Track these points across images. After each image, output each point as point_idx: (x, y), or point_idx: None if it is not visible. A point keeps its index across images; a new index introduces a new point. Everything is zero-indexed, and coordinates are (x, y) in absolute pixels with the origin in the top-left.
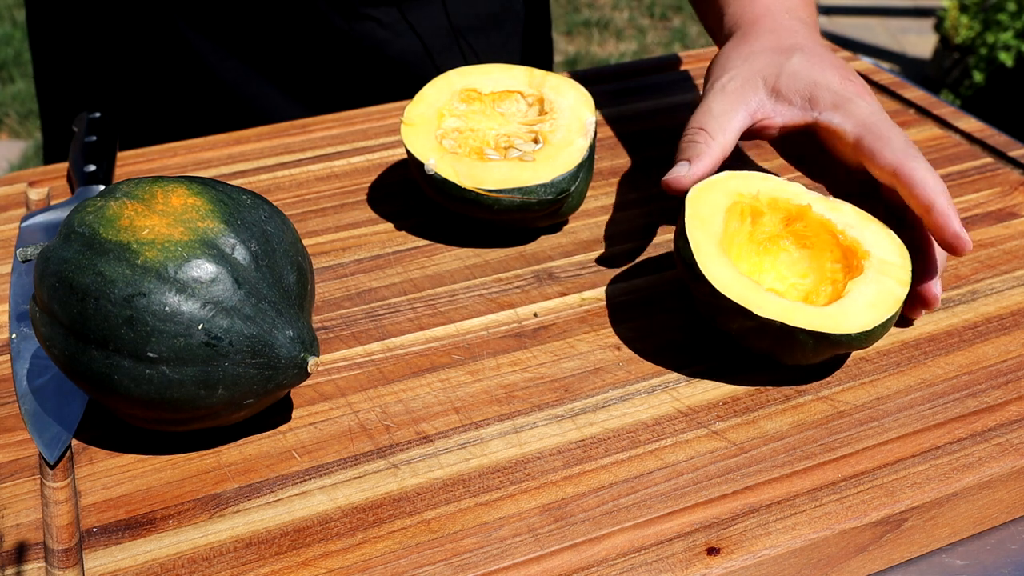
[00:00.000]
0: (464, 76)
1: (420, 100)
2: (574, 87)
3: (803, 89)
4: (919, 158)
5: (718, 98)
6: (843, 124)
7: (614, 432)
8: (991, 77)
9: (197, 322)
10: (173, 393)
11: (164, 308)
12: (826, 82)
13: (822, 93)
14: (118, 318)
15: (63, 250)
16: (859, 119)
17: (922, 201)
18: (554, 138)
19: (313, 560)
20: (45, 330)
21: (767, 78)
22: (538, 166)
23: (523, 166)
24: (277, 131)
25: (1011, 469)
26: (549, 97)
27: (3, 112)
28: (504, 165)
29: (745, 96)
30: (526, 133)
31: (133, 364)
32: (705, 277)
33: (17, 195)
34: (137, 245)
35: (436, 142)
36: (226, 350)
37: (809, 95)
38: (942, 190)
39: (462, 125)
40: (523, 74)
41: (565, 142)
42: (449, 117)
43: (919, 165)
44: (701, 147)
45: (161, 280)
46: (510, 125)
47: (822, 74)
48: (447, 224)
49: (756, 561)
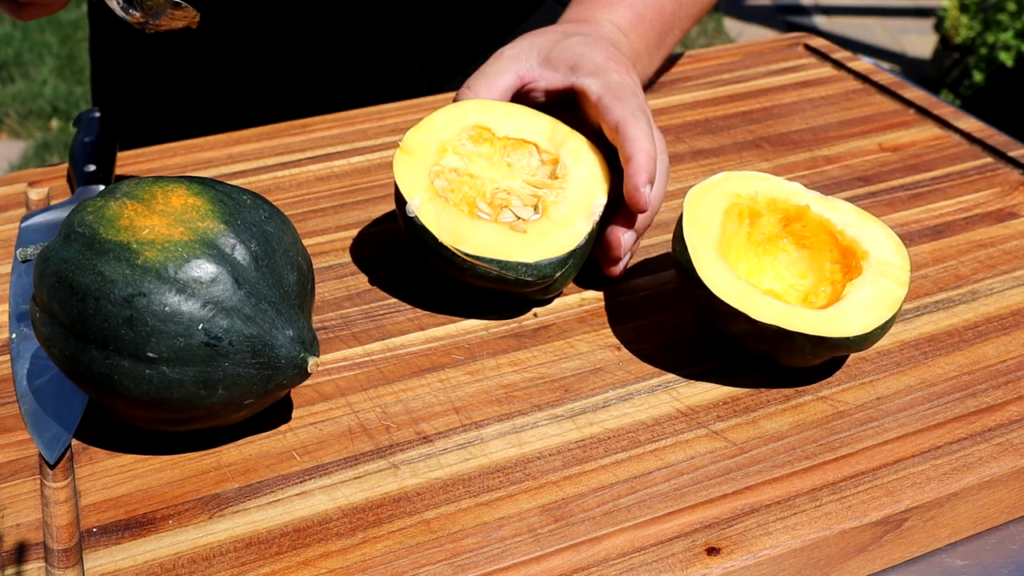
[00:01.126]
0: (482, 110)
1: (426, 127)
2: (595, 157)
3: (570, 59)
4: (642, 120)
5: (493, 62)
6: (592, 85)
7: (614, 432)
8: (991, 77)
9: (197, 322)
10: (173, 393)
11: (164, 308)
12: (595, 57)
13: (584, 63)
14: (118, 318)
15: (63, 250)
16: (606, 83)
17: (625, 152)
18: (555, 211)
19: (313, 560)
20: (45, 330)
21: (542, 50)
22: (527, 240)
23: (511, 236)
24: (277, 131)
25: (1011, 469)
26: (565, 161)
27: (3, 112)
28: (491, 229)
29: (517, 61)
30: (528, 195)
31: (133, 364)
32: (703, 282)
33: (17, 195)
34: (137, 245)
35: (428, 180)
36: (226, 350)
37: (573, 64)
38: (646, 148)
39: (462, 167)
40: (546, 125)
41: (565, 220)
42: (452, 154)
43: (638, 125)
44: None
45: (161, 280)
46: (514, 180)
47: (591, 51)
48: None
49: (756, 561)
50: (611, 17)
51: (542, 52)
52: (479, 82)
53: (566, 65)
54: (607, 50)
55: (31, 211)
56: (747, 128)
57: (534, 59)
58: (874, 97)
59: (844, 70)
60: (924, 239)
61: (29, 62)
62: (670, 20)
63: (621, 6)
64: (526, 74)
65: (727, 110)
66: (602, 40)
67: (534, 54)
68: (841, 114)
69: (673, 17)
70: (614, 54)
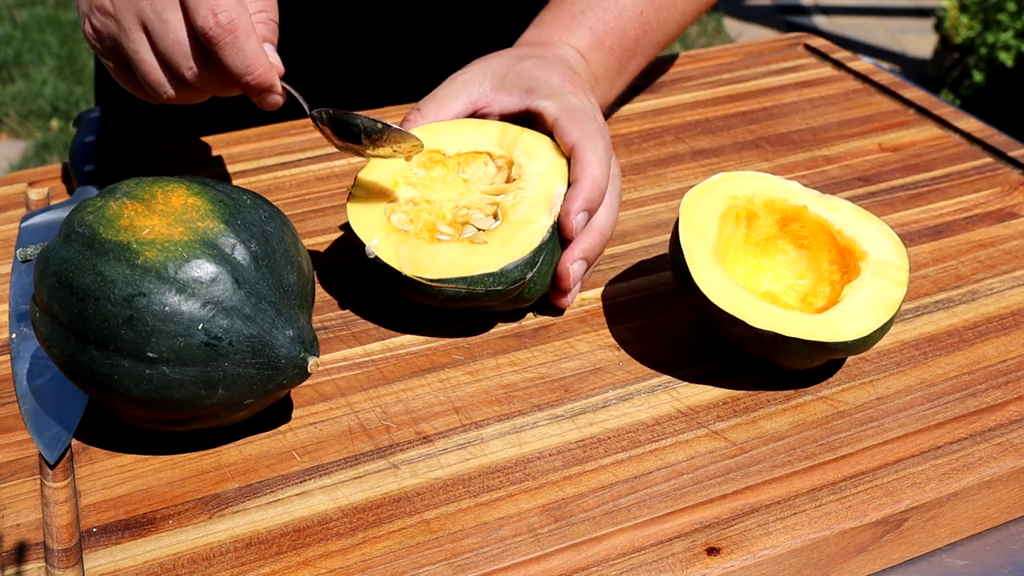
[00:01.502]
0: (428, 134)
1: (374, 166)
2: (550, 149)
3: (524, 83)
4: (598, 144)
5: (445, 86)
6: (548, 107)
7: (614, 432)
8: (991, 77)
9: (197, 322)
10: (173, 393)
11: (164, 308)
12: (551, 79)
13: (540, 86)
14: (118, 318)
15: (63, 250)
16: (562, 104)
17: (573, 175)
18: (515, 213)
19: (313, 560)
20: (45, 330)
21: (495, 74)
22: (489, 250)
23: (472, 250)
24: (277, 131)
25: (1011, 469)
26: (520, 160)
27: (3, 112)
28: (452, 249)
29: (470, 87)
30: (487, 205)
31: (133, 364)
32: (699, 289)
33: (17, 195)
34: (137, 245)
35: (384, 218)
36: (226, 350)
37: (528, 87)
38: (594, 175)
39: (418, 195)
40: (495, 132)
41: (526, 219)
42: (404, 186)
43: (594, 149)
44: (411, 127)
45: (161, 280)
46: (472, 195)
47: (547, 74)
48: None
49: (756, 561)
50: (570, 40)
51: (496, 76)
52: (429, 105)
53: (521, 88)
54: (564, 72)
55: (31, 211)
56: (747, 128)
57: (487, 84)
58: (874, 97)
59: (844, 70)
60: (924, 239)
61: (29, 62)
62: (632, 46)
63: (580, 29)
64: (479, 99)
65: (727, 110)
66: (558, 62)
67: (488, 78)
68: (841, 114)
69: (636, 44)
70: (571, 76)
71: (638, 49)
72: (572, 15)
